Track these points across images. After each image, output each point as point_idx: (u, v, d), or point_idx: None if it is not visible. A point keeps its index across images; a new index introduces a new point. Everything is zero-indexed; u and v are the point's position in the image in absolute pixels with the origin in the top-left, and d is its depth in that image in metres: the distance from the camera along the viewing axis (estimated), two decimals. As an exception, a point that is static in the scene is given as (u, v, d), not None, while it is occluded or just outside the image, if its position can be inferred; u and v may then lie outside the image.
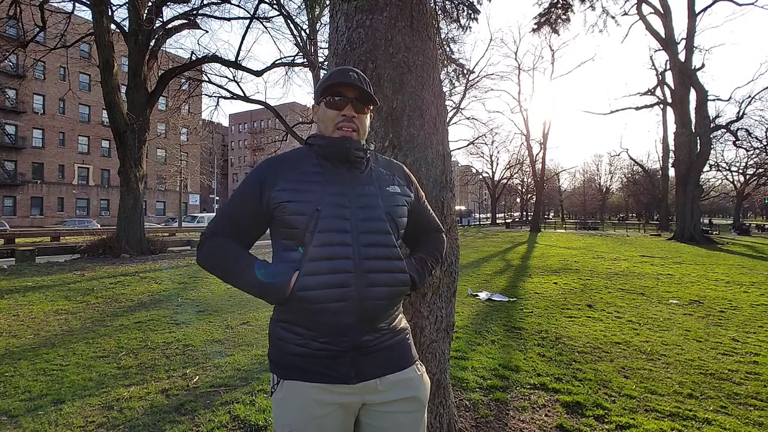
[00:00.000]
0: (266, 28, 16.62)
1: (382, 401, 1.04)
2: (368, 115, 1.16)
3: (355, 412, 1.06)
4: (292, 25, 16.14)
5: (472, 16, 7.88)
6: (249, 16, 15.37)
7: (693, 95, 21.26)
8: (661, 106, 30.68)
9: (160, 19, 13.90)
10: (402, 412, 1.06)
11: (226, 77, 18.28)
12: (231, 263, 1.05)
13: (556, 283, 7.98)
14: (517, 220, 51.61)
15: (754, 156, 36.93)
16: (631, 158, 45.41)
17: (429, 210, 1.29)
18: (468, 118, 32.19)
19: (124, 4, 12.98)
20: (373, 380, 1.03)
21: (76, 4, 12.81)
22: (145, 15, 12.90)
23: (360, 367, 1.01)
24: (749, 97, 28.95)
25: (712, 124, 23.56)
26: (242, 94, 16.95)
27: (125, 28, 13.19)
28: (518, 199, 62.05)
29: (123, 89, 13.04)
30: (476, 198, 77.32)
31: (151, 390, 3.02)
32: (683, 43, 21.48)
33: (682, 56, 21.26)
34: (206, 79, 17.18)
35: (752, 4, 21.66)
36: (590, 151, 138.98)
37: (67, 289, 7.02)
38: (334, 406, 1.01)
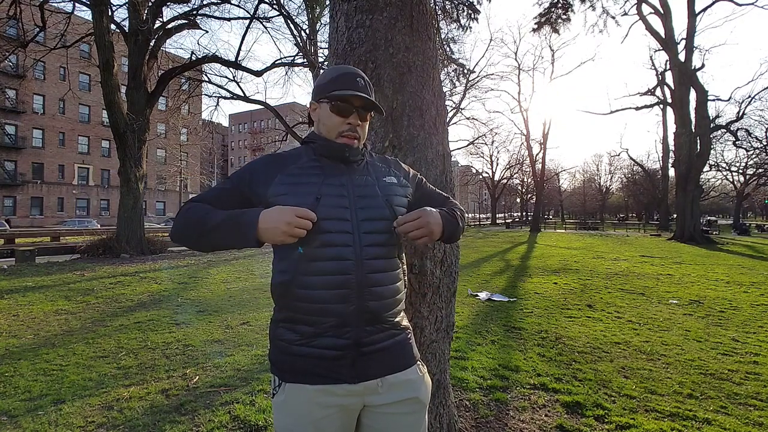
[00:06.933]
0: (266, 28, 16.64)
1: (383, 403, 1.04)
2: (369, 120, 1.17)
3: (356, 414, 1.05)
4: (292, 25, 16.17)
5: (472, 16, 7.88)
6: (249, 16, 15.38)
7: (693, 95, 21.26)
8: (661, 106, 30.67)
9: (160, 19, 13.91)
10: (403, 414, 1.06)
11: (226, 77, 18.24)
12: (205, 212, 1.00)
13: (556, 283, 7.97)
14: (517, 220, 51.55)
15: (754, 156, 36.89)
16: (631, 158, 45.31)
17: (433, 188, 1.31)
18: (468, 118, 32.15)
19: (124, 4, 12.99)
20: (374, 381, 1.02)
21: (76, 4, 12.80)
22: (145, 15, 12.91)
23: (361, 367, 1.01)
24: (749, 97, 28.91)
25: (712, 124, 23.53)
26: (242, 94, 16.97)
27: (125, 28, 13.19)
28: (518, 199, 61.98)
29: (123, 89, 13.04)
30: (476, 198, 77.33)
31: (151, 390, 3.02)
32: (683, 43, 21.46)
33: (682, 56, 21.24)
34: (206, 79, 17.18)
35: (752, 4, 21.65)
36: (590, 151, 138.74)
37: (67, 289, 7.02)
38: (335, 408, 1.01)
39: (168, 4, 14.05)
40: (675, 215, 25.90)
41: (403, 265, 1.15)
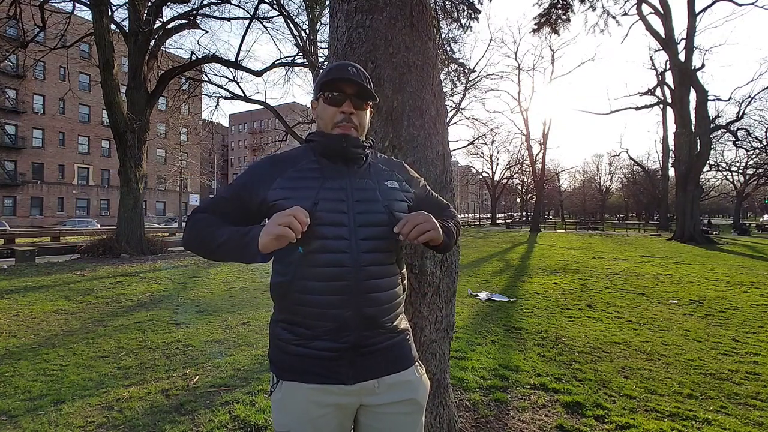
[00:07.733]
0: (266, 28, 16.63)
1: (380, 403, 1.04)
2: (368, 111, 1.15)
3: (352, 413, 1.06)
4: (292, 25, 16.17)
5: (473, 16, 7.87)
6: (249, 16, 15.39)
7: (693, 95, 21.26)
8: (661, 106, 30.68)
9: (160, 19, 13.91)
10: (400, 414, 1.06)
11: (226, 77, 18.23)
12: (209, 227, 1.00)
13: (556, 283, 7.97)
14: (517, 220, 51.53)
15: (754, 156, 36.89)
16: (631, 158, 45.25)
17: (436, 195, 1.30)
18: (468, 118, 32.19)
19: (124, 4, 12.99)
20: (371, 381, 1.02)
21: (76, 4, 12.81)
22: (145, 15, 12.91)
23: (358, 368, 1.01)
24: (749, 97, 28.88)
25: (712, 124, 23.52)
26: (242, 94, 16.97)
27: (125, 28, 13.20)
28: (518, 199, 61.99)
29: (123, 89, 13.04)
30: (476, 198, 77.30)
31: (151, 390, 3.02)
32: (683, 43, 21.46)
33: (682, 56, 21.24)
34: (206, 79, 17.19)
35: (752, 4, 21.64)
36: (590, 151, 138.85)
37: (67, 289, 7.02)
38: (332, 407, 1.01)
39: (168, 4, 14.06)
40: (675, 215, 25.89)
41: (402, 269, 1.14)
